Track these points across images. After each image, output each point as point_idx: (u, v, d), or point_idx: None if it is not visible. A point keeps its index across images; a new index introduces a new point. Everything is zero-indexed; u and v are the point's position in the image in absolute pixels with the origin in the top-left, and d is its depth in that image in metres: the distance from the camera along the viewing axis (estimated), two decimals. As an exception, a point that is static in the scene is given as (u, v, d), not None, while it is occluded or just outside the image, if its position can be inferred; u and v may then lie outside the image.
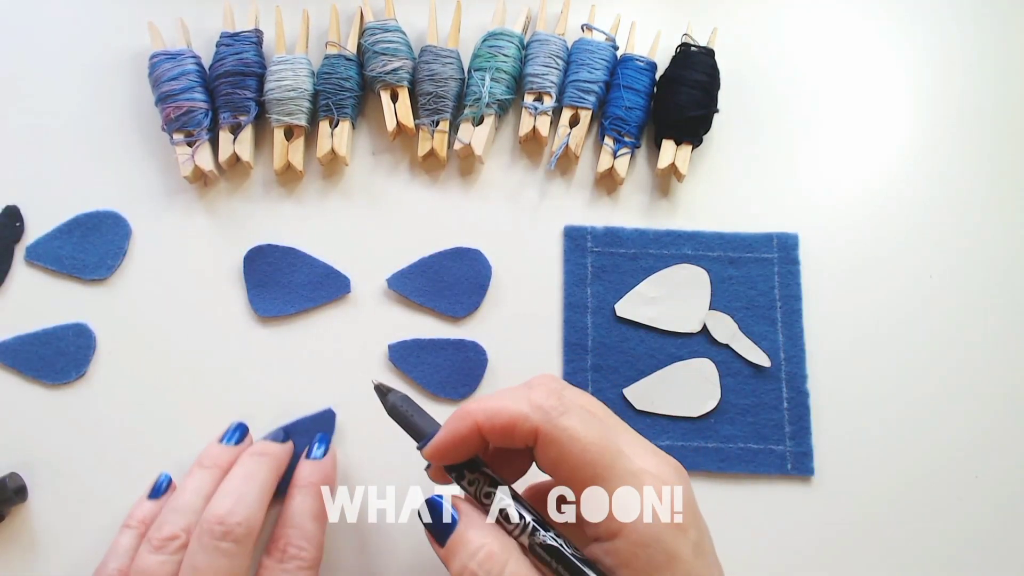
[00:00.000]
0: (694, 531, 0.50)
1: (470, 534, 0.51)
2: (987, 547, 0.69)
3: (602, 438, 0.50)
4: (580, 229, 0.76)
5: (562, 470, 0.50)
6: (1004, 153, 0.80)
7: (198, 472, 0.64)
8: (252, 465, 0.63)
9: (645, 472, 0.50)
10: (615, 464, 0.49)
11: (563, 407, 0.51)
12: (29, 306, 0.74)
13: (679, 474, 0.52)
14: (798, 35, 0.84)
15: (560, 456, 0.50)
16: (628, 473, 0.49)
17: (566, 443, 0.50)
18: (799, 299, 0.74)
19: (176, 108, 0.75)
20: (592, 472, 0.49)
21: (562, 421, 0.50)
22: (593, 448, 0.50)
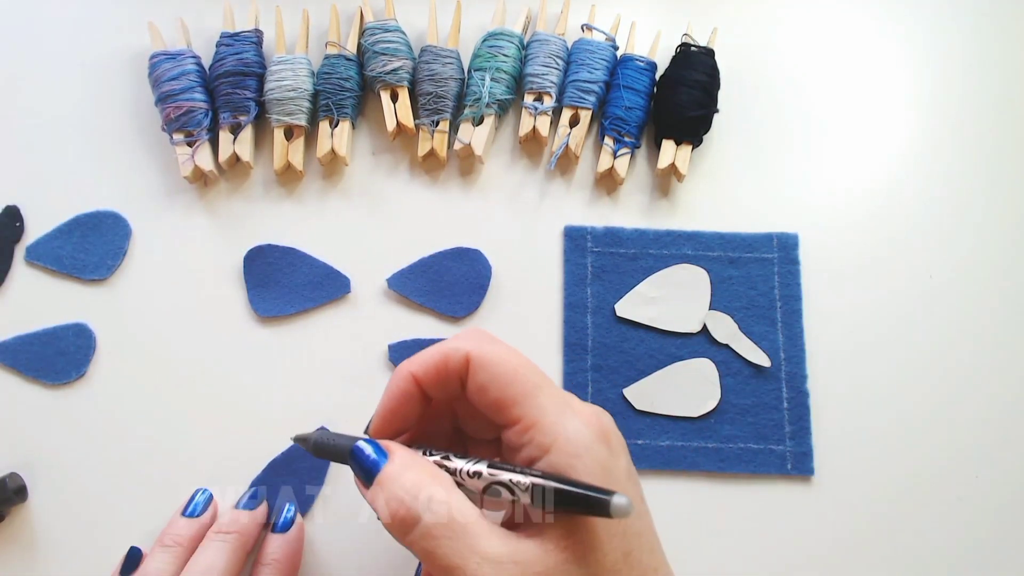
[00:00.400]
0: (624, 459, 0.50)
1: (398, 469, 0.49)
2: (987, 547, 0.69)
3: (528, 364, 0.51)
4: (580, 229, 0.76)
5: (492, 392, 0.50)
6: (1004, 153, 0.80)
7: (159, 553, 0.62)
8: (216, 549, 0.62)
9: (572, 397, 0.50)
10: (542, 384, 0.49)
11: (490, 338, 0.52)
12: (29, 306, 0.74)
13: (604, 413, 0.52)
14: (798, 35, 0.84)
15: (491, 377, 0.50)
16: (555, 394, 0.49)
17: (497, 363, 0.50)
18: (799, 299, 0.74)
19: (176, 108, 0.75)
20: (523, 388, 0.49)
21: (492, 346, 0.51)
22: (522, 368, 0.50)
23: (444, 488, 0.48)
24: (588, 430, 0.48)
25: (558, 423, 0.48)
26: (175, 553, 0.62)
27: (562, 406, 0.49)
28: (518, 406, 0.49)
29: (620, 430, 0.70)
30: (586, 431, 0.48)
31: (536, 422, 0.48)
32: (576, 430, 0.48)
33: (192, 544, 0.63)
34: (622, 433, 0.69)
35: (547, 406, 0.48)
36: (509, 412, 0.50)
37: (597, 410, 0.51)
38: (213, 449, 0.70)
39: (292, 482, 0.69)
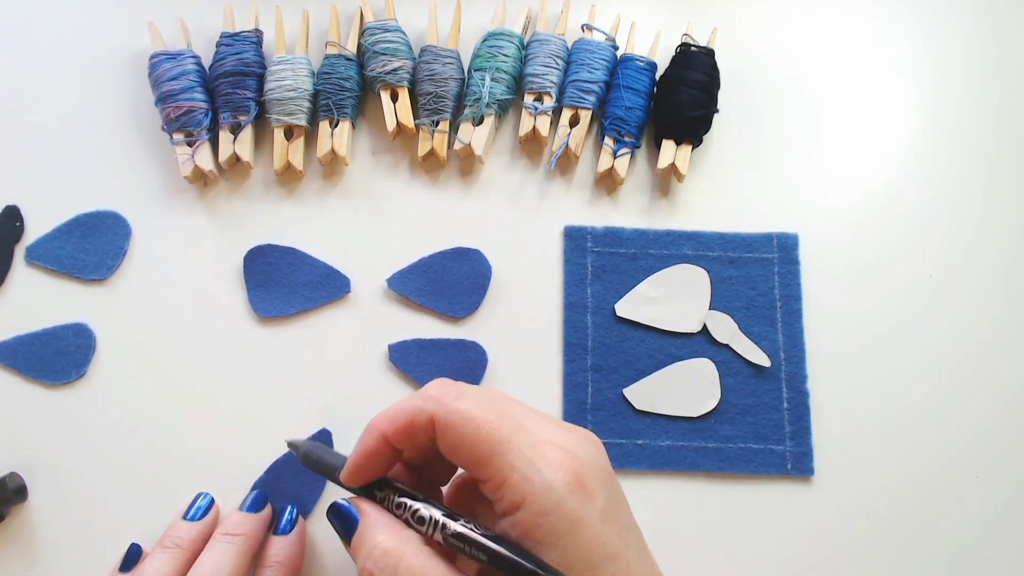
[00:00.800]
0: (602, 498, 0.49)
1: (367, 533, 0.51)
2: (987, 547, 0.69)
3: (497, 416, 0.51)
4: (580, 229, 0.76)
5: (462, 452, 0.51)
6: (1004, 152, 0.80)
7: (159, 554, 0.63)
8: (221, 551, 0.63)
9: (545, 443, 0.50)
10: (512, 438, 0.49)
11: (456, 394, 0.52)
12: (29, 306, 0.74)
13: (588, 442, 0.52)
14: (798, 35, 0.84)
15: (458, 439, 0.50)
16: (526, 445, 0.49)
17: (460, 424, 0.50)
18: (799, 299, 0.74)
19: (176, 108, 0.75)
20: (489, 448, 0.49)
21: (454, 405, 0.51)
22: (488, 425, 0.50)
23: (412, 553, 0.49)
24: (559, 481, 0.48)
25: (526, 481, 0.48)
26: (174, 555, 0.62)
27: (532, 459, 0.49)
28: (486, 466, 0.49)
29: (620, 431, 0.70)
30: (557, 483, 0.48)
31: (505, 480, 0.49)
32: (545, 485, 0.48)
33: (191, 547, 0.63)
34: (624, 431, 0.69)
35: (515, 463, 0.48)
36: (478, 471, 0.50)
37: (574, 447, 0.51)
38: (213, 449, 0.70)
39: (294, 484, 0.69)
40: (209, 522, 0.66)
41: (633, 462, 0.70)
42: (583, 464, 0.49)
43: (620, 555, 0.49)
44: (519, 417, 0.52)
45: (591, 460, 0.51)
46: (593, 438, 0.53)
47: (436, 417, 0.51)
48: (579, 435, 0.53)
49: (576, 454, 0.50)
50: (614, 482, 0.52)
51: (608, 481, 0.51)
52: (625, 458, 0.70)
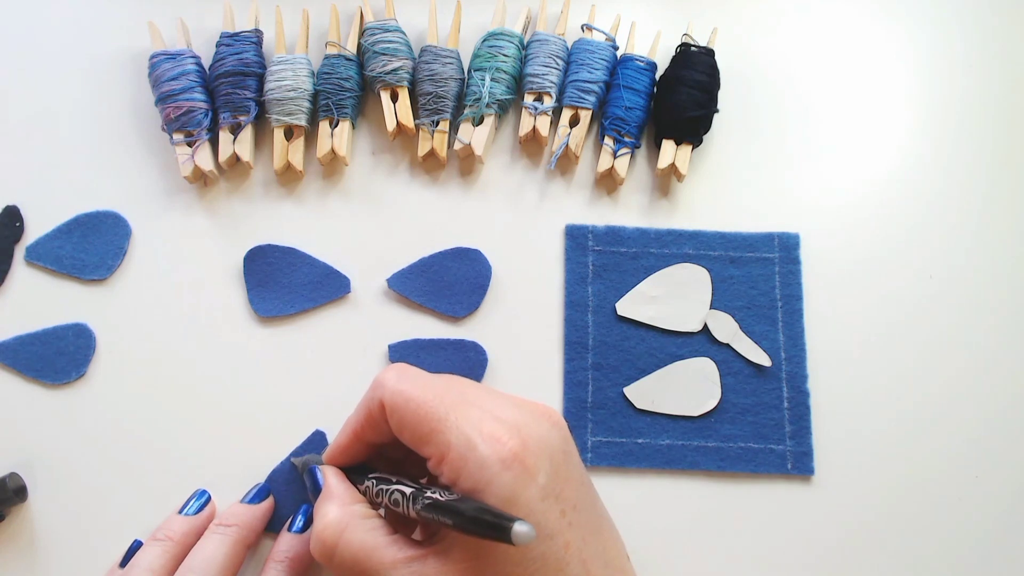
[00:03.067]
0: (544, 475, 0.49)
1: (321, 503, 0.55)
2: (987, 548, 0.69)
3: (437, 395, 0.52)
4: (581, 228, 0.76)
5: (407, 433, 0.52)
6: (1005, 152, 0.80)
7: (149, 546, 0.63)
8: (215, 542, 0.63)
9: (488, 420, 0.50)
10: (448, 416, 0.51)
11: (399, 377, 0.54)
12: (29, 306, 0.74)
13: (543, 419, 0.53)
14: (798, 35, 0.84)
15: (401, 419, 0.52)
16: (465, 422, 0.50)
17: (402, 405, 0.52)
18: (800, 299, 0.74)
19: (176, 108, 0.75)
20: (428, 427, 0.51)
21: (397, 386, 0.53)
22: (427, 404, 0.51)
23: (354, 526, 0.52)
24: (493, 457, 0.48)
25: (460, 458, 0.49)
26: (164, 547, 0.63)
27: (469, 435, 0.49)
28: (427, 444, 0.51)
29: (620, 429, 0.70)
30: (490, 460, 0.48)
31: (443, 457, 0.50)
32: (478, 462, 0.48)
33: (184, 540, 0.64)
34: (624, 430, 0.69)
35: (451, 440, 0.50)
36: (421, 449, 0.52)
37: (520, 422, 0.51)
38: (213, 448, 0.70)
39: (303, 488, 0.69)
40: (204, 517, 0.66)
41: (633, 461, 0.70)
42: (525, 441, 0.50)
43: (557, 534, 0.49)
44: (466, 396, 0.53)
45: (538, 437, 0.51)
46: (551, 415, 0.54)
47: (384, 399, 0.53)
48: (535, 412, 0.53)
49: (521, 430, 0.50)
50: (567, 460, 0.52)
51: (557, 459, 0.51)
52: (625, 457, 0.70)
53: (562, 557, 0.49)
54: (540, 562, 0.48)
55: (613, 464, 0.70)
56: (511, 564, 0.48)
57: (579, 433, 0.71)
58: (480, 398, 0.53)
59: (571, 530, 0.50)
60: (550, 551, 0.49)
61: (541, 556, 0.48)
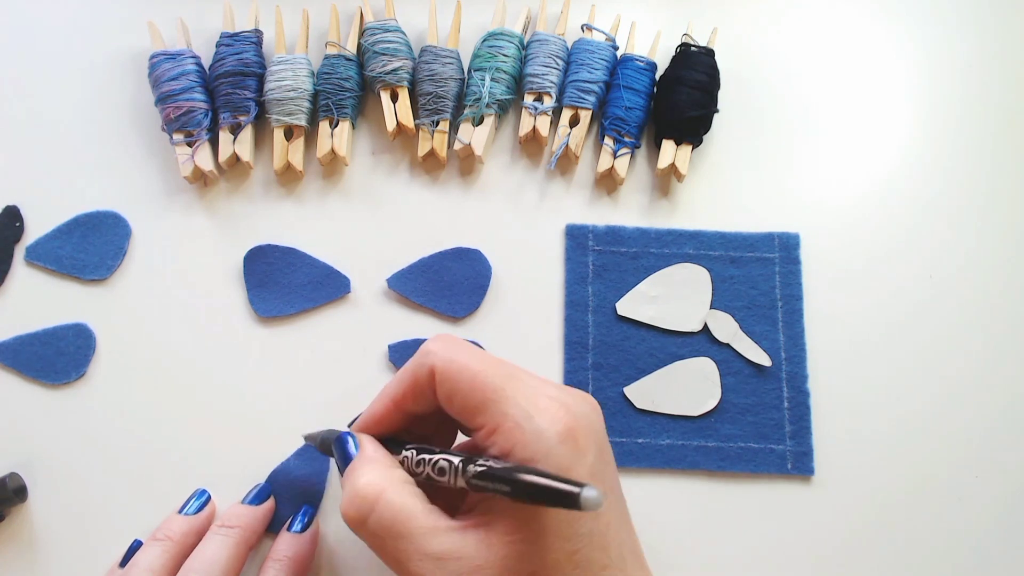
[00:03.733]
0: (592, 456, 0.49)
1: (358, 468, 0.53)
2: (988, 547, 0.69)
3: (494, 367, 0.52)
4: (582, 228, 0.76)
5: (458, 401, 0.52)
6: (1005, 152, 0.80)
7: (149, 546, 0.63)
8: (217, 543, 0.63)
9: (541, 395, 0.51)
10: (506, 387, 0.50)
11: (454, 346, 0.53)
12: (29, 306, 0.74)
13: (585, 402, 0.53)
14: (798, 35, 0.84)
15: (454, 387, 0.51)
16: (521, 395, 0.50)
17: (456, 373, 0.51)
18: (800, 299, 0.74)
19: (176, 108, 0.75)
20: (483, 396, 0.50)
21: (452, 355, 0.52)
22: (484, 374, 0.51)
23: (395, 489, 0.51)
24: (551, 430, 0.48)
25: (517, 428, 0.49)
26: (164, 547, 0.63)
27: (526, 407, 0.49)
28: (480, 414, 0.50)
29: (620, 429, 0.70)
30: (548, 432, 0.48)
31: (498, 427, 0.49)
32: (536, 433, 0.48)
33: (183, 540, 0.64)
34: (625, 430, 0.69)
35: (508, 411, 0.49)
36: (473, 419, 0.51)
37: (569, 402, 0.51)
38: (213, 449, 0.70)
39: (305, 488, 0.69)
40: (204, 517, 0.66)
41: (633, 461, 0.70)
42: (577, 419, 0.50)
43: (602, 514, 0.49)
44: (516, 372, 0.52)
45: (586, 418, 0.51)
46: (591, 400, 0.54)
47: (435, 367, 0.52)
48: (577, 394, 0.53)
49: (571, 408, 0.50)
50: (606, 446, 0.52)
51: (600, 442, 0.51)
52: (625, 457, 0.70)
53: (606, 536, 0.49)
54: (587, 539, 0.48)
55: (613, 464, 0.70)
56: (560, 539, 0.48)
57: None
58: (528, 376, 0.53)
59: (611, 511, 0.50)
60: (597, 529, 0.49)
61: (589, 533, 0.48)
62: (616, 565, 0.50)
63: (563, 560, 0.48)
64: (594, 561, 0.48)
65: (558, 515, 0.47)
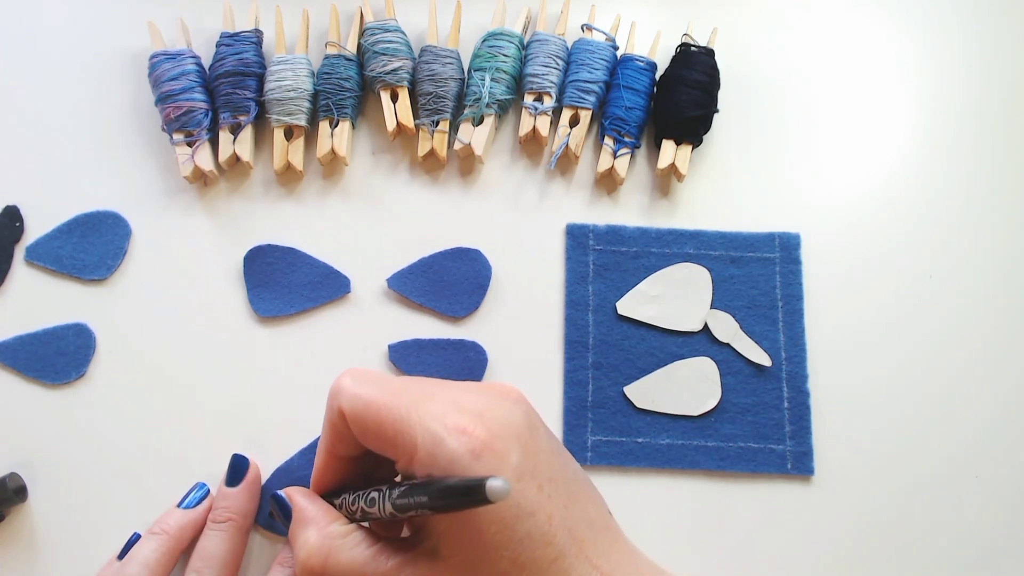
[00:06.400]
0: (516, 455, 0.49)
1: (296, 529, 0.54)
2: (987, 548, 0.69)
3: (395, 395, 0.51)
4: (582, 227, 0.76)
5: (371, 439, 0.51)
6: (1006, 152, 0.80)
7: (146, 539, 0.64)
8: (215, 539, 0.64)
9: (451, 412, 0.49)
10: (410, 416, 0.49)
11: (355, 382, 0.53)
12: (29, 306, 0.74)
13: (502, 400, 0.52)
14: (798, 34, 0.84)
15: (364, 425, 0.51)
16: (427, 418, 0.49)
17: (362, 411, 0.51)
18: (801, 299, 0.74)
19: (176, 108, 0.75)
20: (391, 429, 0.50)
21: (353, 391, 0.52)
22: (387, 407, 0.50)
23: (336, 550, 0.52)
24: (462, 450, 0.47)
25: (428, 456, 0.48)
26: (160, 540, 0.63)
27: (434, 431, 0.48)
28: (392, 446, 0.50)
29: (620, 428, 0.70)
30: (460, 452, 0.47)
31: (412, 457, 0.49)
32: (448, 457, 0.47)
33: (180, 534, 0.64)
34: (624, 429, 0.69)
35: (418, 439, 0.48)
36: (389, 452, 0.51)
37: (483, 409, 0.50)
38: (213, 449, 0.70)
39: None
40: (202, 511, 0.67)
41: (633, 460, 0.70)
42: (491, 426, 0.49)
43: (539, 509, 0.49)
44: (425, 391, 0.52)
45: (502, 419, 0.50)
46: (510, 392, 0.53)
47: (343, 410, 0.52)
48: (493, 394, 0.52)
49: (483, 416, 0.49)
50: (533, 435, 0.51)
51: (524, 436, 0.50)
52: (625, 456, 0.70)
53: (548, 531, 0.49)
54: (528, 540, 0.48)
55: (613, 463, 0.70)
56: (500, 548, 0.48)
57: (579, 432, 0.71)
58: (439, 391, 0.52)
59: (551, 502, 0.49)
60: (535, 527, 0.48)
61: (527, 534, 0.48)
62: (568, 553, 0.49)
63: (507, 567, 0.48)
64: (540, 558, 0.48)
65: (491, 526, 0.47)
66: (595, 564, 0.51)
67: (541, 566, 0.48)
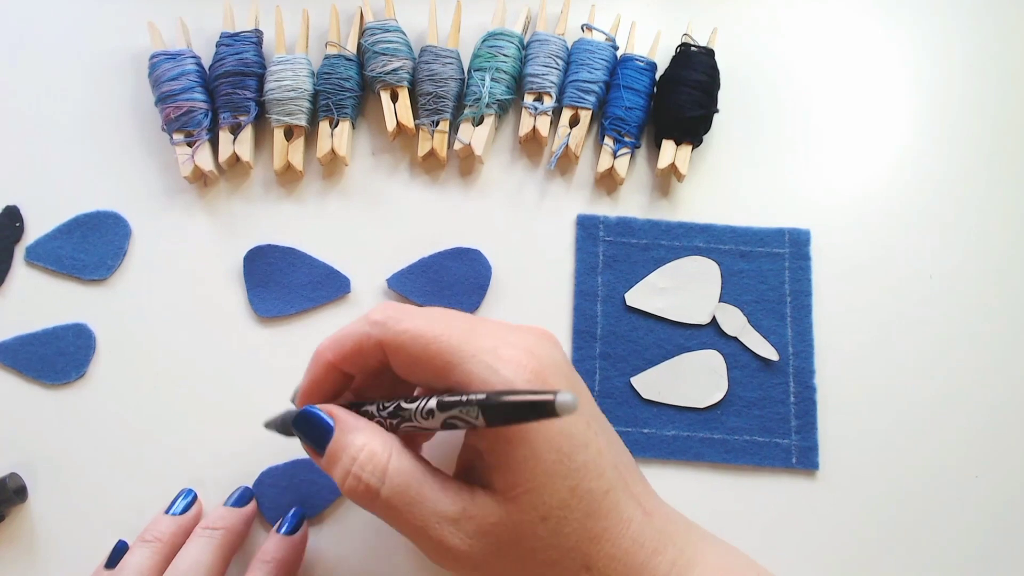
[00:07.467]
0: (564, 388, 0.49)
1: (346, 438, 0.51)
2: (990, 544, 0.70)
3: (446, 327, 0.51)
4: (592, 218, 0.76)
5: (418, 371, 0.51)
6: (1012, 147, 0.81)
7: (138, 548, 0.63)
8: (201, 545, 0.62)
9: (501, 345, 0.50)
10: (464, 347, 0.49)
11: (399, 315, 0.52)
12: (29, 306, 0.73)
13: (544, 340, 0.52)
14: (799, 34, 0.84)
15: (410, 359, 0.51)
16: (481, 350, 0.49)
17: (409, 344, 0.50)
18: (809, 294, 0.74)
19: (176, 108, 0.75)
20: (443, 360, 0.49)
21: (400, 326, 0.51)
22: (440, 338, 0.50)
23: (397, 456, 0.50)
24: (519, 380, 0.48)
25: (486, 384, 0.48)
26: (154, 548, 0.62)
27: (488, 363, 0.49)
28: (444, 378, 0.50)
29: (626, 419, 0.70)
30: (517, 383, 0.48)
31: (466, 388, 0.49)
32: (503, 385, 0.48)
33: (172, 540, 0.63)
34: (631, 420, 0.69)
35: (473, 369, 0.49)
36: (438, 385, 0.51)
37: (531, 346, 0.51)
38: (213, 449, 0.70)
39: (302, 488, 0.69)
40: (191, 517, 0.66)
41: (639, 451, 0.70)
42: (541, 361, 0.50)
43: (590, 443, 0.50)
44: (472, 326, 0.52)
45: (549, 356, 0.51)
46: (548, 334, 0.54)
47: (385, 342, 0.51)
48: (534, 334, 0.53)
49: (533, 352, 0.50)
50: (574, 375, 0.53)
51: (569, 374, 0.52)
52: (631, 446, 0.69)
53: (599, 463, 0.50)
54: (584, 470, 0.49)
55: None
56: (558, 478, 0.48)
57: (586, 422, 0.70)
58: (482, 327, 0.52)
59: (598, 438, 0.51)
60: (589, 459, 0.49)
61: (583, 465, 0.49)
62: (617, 487, 0.51)
63: (567, 496, 0.48)
64: (595, 489, 0.49)
65: (550, 454, 0.48)
66: (639, 501, 0.52)
67: (596, 497, 0.49)
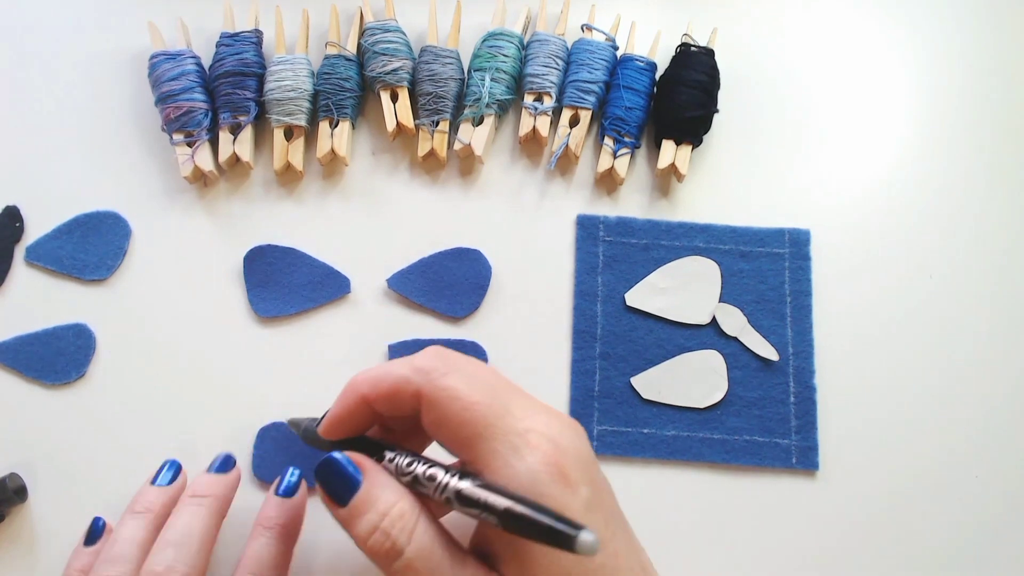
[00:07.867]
0: (585, 488, 0.48)
1: (376, 492, 0.49)
2: (990, 544, 0.70)
3: (486, 397, 0.49)
4: (592, 218, 0.76)
5: (445, 431, 0.50)
6: (1012, 147, 0.81)
7: (130, 519, 0.62)
8: (190, 512, 0.61)
9: (531, 431, 0.49)
10: (497, 423, 0.48)
11: (445, 368, 0.51)
12: (29, 306, 0.74)
13: (572, 431, 0.51)
14: (798, 35, 0.84)
15: (442, 417, 0.50)
16: (511, 431, 0.48)
17: (446, 403, 0.49)
18: (809, 295, 0.74)
19: (176, 108, 0.75)
20: (473, 431, 0.48)
21: (443, 381, 0.50)
22: (475, 407, 0.49)
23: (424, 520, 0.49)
24: (542, 471, 0.47)
25: (508, 467, 0.47)
26: (147, 519, 0.61)
27: (516, 445, 0.48)
28: (468, 448, 0.49)
29: (626, 419, 0.70)
30: (540, 472, 0.47)
31: (487, 465, 0.48)
32: (528, 474, 0.47)
33: (163, 511, 0.62)
34: (630, 420, 0.69)
35: (498, 448, 0.48)
36: (461, 452, 0.50)
37: (556, 435, 0.49)
38: (213, 449, 0.69)
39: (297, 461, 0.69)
40: (178, 487, 0.65)
41: (638, 451, 0.70)
42: (567, 454, 0.49)
43: (608, 543, 0.48)
44: (507, 400, 0.50)
45: (575, 450, 0.50)
46: (576, 426, 0.52)
47: (423, 392, 0.50)
48: (564, 422, 0.51)
49: (560, 443, 0.49)
50: (597, 471, 0.51)
51: (591, 470, 0.50)
52: (630, 446, 0.70)
53: (615, 566, 0.48)
54: (599, 573, 0.47)
55: (618, 453, 0.70)
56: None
57: (585, 422, 0.71)
58: (518, 403, 0.51)
59: (616, 539, 0.49)
60: (607, 561, 0.48)
61: (600, 567, 0.48)
62: None
63: None
64: None
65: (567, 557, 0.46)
66: None
67: None
